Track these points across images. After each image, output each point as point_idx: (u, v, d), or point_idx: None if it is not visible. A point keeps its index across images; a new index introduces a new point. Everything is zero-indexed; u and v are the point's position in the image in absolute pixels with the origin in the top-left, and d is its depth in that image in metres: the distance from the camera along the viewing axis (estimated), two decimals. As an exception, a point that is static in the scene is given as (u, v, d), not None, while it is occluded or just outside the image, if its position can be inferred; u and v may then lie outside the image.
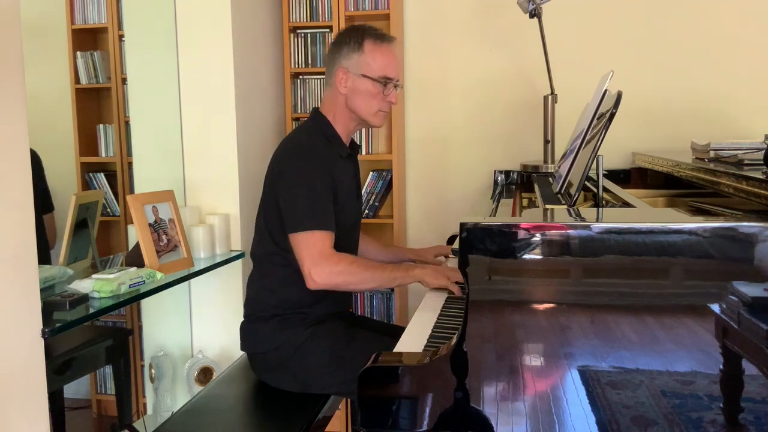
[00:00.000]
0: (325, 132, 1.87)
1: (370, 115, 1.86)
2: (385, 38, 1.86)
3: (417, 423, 1.28)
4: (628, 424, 1.20)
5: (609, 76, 1.66)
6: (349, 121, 1.89)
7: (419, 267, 1.78)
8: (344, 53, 1.83)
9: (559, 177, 1.76)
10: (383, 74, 1.83)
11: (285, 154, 1.83)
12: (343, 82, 1.83)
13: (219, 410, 1.79)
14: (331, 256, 1.71)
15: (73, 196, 2.15)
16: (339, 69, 1.84)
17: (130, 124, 2.72)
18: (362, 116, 1.86)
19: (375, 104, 1.85)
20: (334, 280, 1.71)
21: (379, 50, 1.83)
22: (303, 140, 1.85)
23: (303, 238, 1.71)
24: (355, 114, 1.86)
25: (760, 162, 1.54)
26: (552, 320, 1.22)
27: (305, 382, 1.80)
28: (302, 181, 1.76)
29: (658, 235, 1.18)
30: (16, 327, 1.50)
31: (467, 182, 2.98)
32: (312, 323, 1.83)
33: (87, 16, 3.09)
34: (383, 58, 1.83)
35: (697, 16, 2.72)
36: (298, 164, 1.78)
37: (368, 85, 1.82)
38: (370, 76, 1.82)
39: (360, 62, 1.82)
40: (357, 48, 1.82)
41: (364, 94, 1.83)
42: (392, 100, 1.87)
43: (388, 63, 1.84)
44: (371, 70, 1.82)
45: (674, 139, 2.71)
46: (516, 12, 2.55)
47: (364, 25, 1.87)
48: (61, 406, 2.53)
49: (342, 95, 1.85)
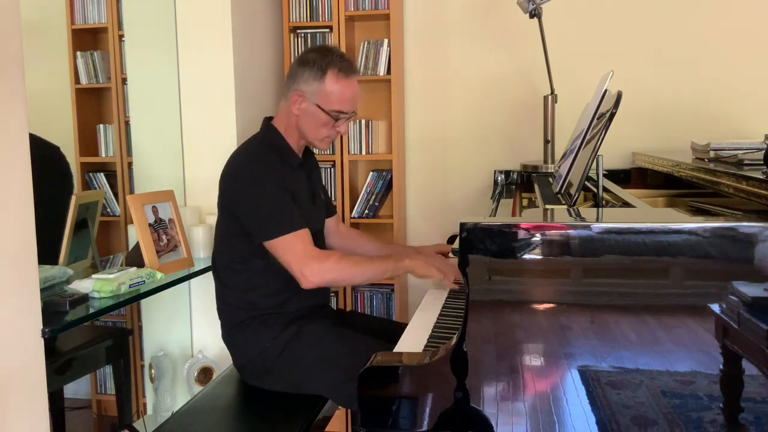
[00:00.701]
0: (275, 143, 1.87)
1: (316, 140, 1.87)
2: (350, 71, 1.83)
3: (417, 423, 1.28)
4: (628, 424, 1.20)
5: (609, 76, 1.66)
6: (298, 138, 1.89)
7: (409, 257, 1.78)
8: (305, 77, 1.81)
9: (559, 177, 1.76)
10: (338, 109, 1.82)
11: (237, 165, 1.83)
12: (296, 103, 1.83)
13: (219, 410, 1.79)
14: (316, 254, 1.72)
15: (73, 196, 2.15)
16: (296, 91, 1.83)
17: (130, 124, 2.72)
18: (308, 139, 1.87)
19: (323, 132, 1.85)
20: (326, 276, 1.72)
21: (339, 85, 1.81)
22: (251, 152, 1.85)
23: (281, 244, 1.72)
24: (303, 134, 1.87)
25: (760, 162, 1.55)
26: (552, 320, 1.22)
27: (295, 384, 1.79)
28: (260, 189, 1.76)
29: (658, 235, 1.18)
30: (16, 327, 1.50)
31: (467, 182, 2.98)
32: (290, 322, 1.82)
33: (87, 16, 3.09)
34: (342, 92, 1.81)
35: (697, 16, 2.72)
36: (252, 173, 1.78)
37: (320, 114, 1.82)
38: (323, 108, 1.81)
39: (318, 91, 1.81)
40: (319, 76, 1.80)
41: (314, 121, 1.83)
42: (341, 131, 1.87)
43: (345, 98, 1.82)
44: (327, 103, 1.81)
45: (674, 139, 2.71)
46: (516, 12, 2.55)
47: (333, 51, 1.84)
48: (61, 406, 2.53)
49: (294, 115, 1.85)
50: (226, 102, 2.52)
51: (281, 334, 1.80)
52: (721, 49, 2.71)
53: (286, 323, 1.82)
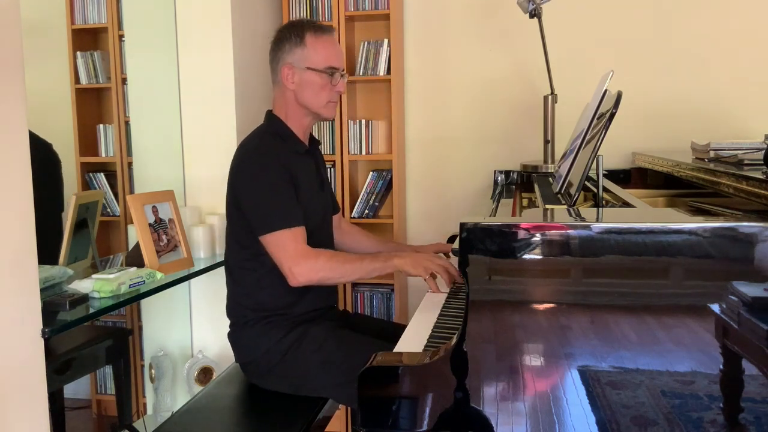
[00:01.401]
0: (279, 131, 1.87)
1: (320, 107, 1.86)
2: (325, 29, 1.86)
3: (417, 423, 1.28)
4: (628, 424, 1.20)
5: (609, 76, 1.66)
6: (302, 116, 1.89)
7: (398, 256, 1.77)
8: (287, 49, 1.84)
9: (559, 177, 1.76)
10: (328, 65, 1.83)
11: (240, 159, 1.83)
12: (289, 78, 1.84)
13: (219, 410, 1.79)
14: (307, 253, 1.72)
15: (73, 196, 2.15)
16: (284, 66, 1.84)
17: (130, 124, 2.72)
18: (313, 109, 1.87)
19: (324, 96, 1.85)
20: (315, 276, 1.72)
21: (321, 42, 1.83)
22: (256, 143, 1.85)
23: (275, 239, 1.72)
24: (307, 108, 1.87)
25: (760, 162, 1.55)
26: (552, 320, 1.22)
27: (297, 385, 1.80)
28: (261, 182, 1.76)
29: (658, 235, 1.18)
30: (16, 327, 1.50)
31: (467, 182, 2.98)
32: (297, 324, 1.82)
33: (87, 16, 3.09)
34: (326, 49, 1.84)
35: (698, 16, 2.72)
36: (253, 167, 1.78)
37: (315, 77, 1.83)
38: (315, 68, 1.82)
39: (304, 56, 1.82)
40: (299, 42, 1.82)
41: (312, 87, 1.84)
42: (340, 89, 1.88)
43: (331, 53, 1.84)
44: (316, 63, 1.83)
45: (674, 139, 2.71)
46: (516, 12, 2.55)
47: (302, 20, 1.88)
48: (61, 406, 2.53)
49: (291, 91, 1.85)
50: (226, 102, 2.52)
51: (286, 336, 1.80)
52: (722, 49, 2.71)
53: (293, 325, 1.82)
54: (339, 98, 1.92)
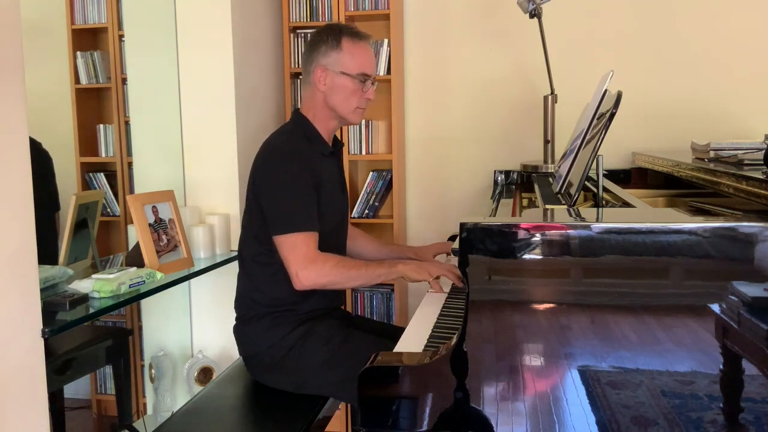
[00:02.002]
0: (306, 132, 1.88)
1: (348, 112, 1.87)
2: (362, 36, 1.87)
3: (417, 423, 1.28)
4: (628, 424, 1.20)
5: (609, 76, 1.66)
6: (329, 119, 1.89)
7: (402, 263, 1.79)
8: (322, 51, 1.85)
9: (559, 177, 1.76)
10: (361, 71, 1.84)
11: (265, 156, 1.84)
12: (322, 79, 1.84)
13: (219, 410, 1.79)
14: (316, 258, 1.73)
15: (73, 196, 2.15)
16: (318, 67, 1.85)
17: (130, 124, 2.72)
18: (341, 113, 1.87)
19: (354, 101, 1.86)
20: (320, 281, 1.73)
21: (357, 48, 1.84)
22: (282, 141, 1.86)
23: (287, 241, 1.73)
24: (334, 112, 1.87)
25: (760, 162, 1.54)
26: (552, 320, 1.22)
27: (299, 382, 1.80)
28: (283, 182, 1.77)
29: (658, 235, 1.18)
30: (16, 327, 1.50)
31: (467, 182, 2.98)
32: (303, 321, 1.83)
33: (87, 16, 3.09)
34: (361, 55, 1.85)
35: (697, 16, 2.72)
36: (278, 166, 1.79)
37: (347, 82, 1.84)
38: (348, 73, 1.83)
39: (338, 60, 1.83)
40: (335, 46, 1.83)
41: (342, 91, 1.85)
42: (370, 96, 1.88)
43: (365, 60, 1.86)
44: (349, 68, 1.83)
45: (674, 139, 2.71)
46: (516, 12, 2.55)
47: (340, 24, 1.91)
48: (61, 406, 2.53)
49: (321, 93, 1.86)
50: (226, 102, 2.52)
51: (292, 332, 1.81)
52: (722, 49, 2.71)
53: (299, 322, 1.83)
54: (367, 105, 1.92)
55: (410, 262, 1.81)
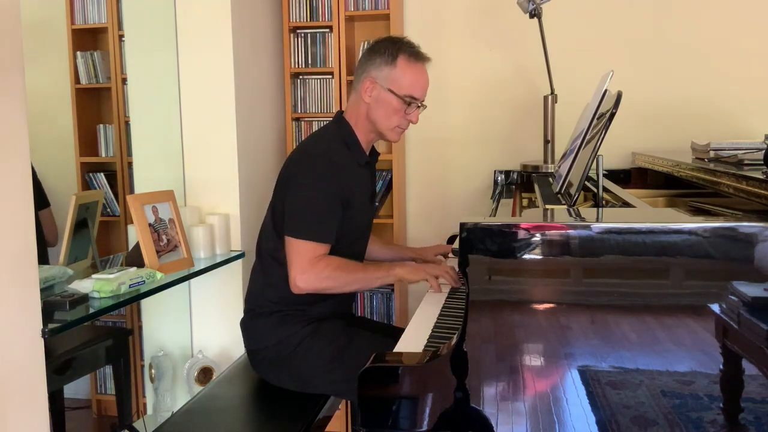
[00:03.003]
0: (346, 139, 1.86)
1: (388, 129, 1.84)
2: (420, 57, 1.83)
3: (417, 423, 1.28)
4: (628, 424, 1.20)
5: (609, 76, 1.66)
6: (368, 131, 1.88)
7: (399, 265, 1.79)
8: (376, 63, 1.81)
9: (559, 177, 1.76)
10: (409, 93, 1.81)
11: (303, 157, 1.83)
12: (368, 91, 1.82)
13: (219, 410, 1.79)
14: (317, 263, 1.73)
15: (73, 196, 2.15)
16: (367, 78, 1.82)
17: (130, 124, 2.72)
18: (380, 129, 1.85)
19: (395, 120, 1.83)
20: (318, 285, 1.73)
21: (412, 69, 1.81)
22: (322, 145, 1.84)
23: (297, 245, 1.73)
24: (374, 125, 1.85)
25: (760, 162, 1.54)
26: (552, 320, 1.22)
27: (303, 380, 1.81)
28: (312, 188, 1.76)
29: (658, 235, 1.18)
30: (16, 327, 1.50)
31: (467, 182, 2.98)
32: (312, 321, 1.84)
33: (87, 16, 3.09)
34: (414, 77, 1.81)
35: (697, 16, 2.72)
36: (310, 169, 1.78)
37: (392, 100, 1.80)
38: (396, 93, 1.80)
39: (390, 76, 1.80)
40: (390, 61, 1.80)
41: (386, 108, 1.82)
42: (413, 120, 1.86)
43: (417, 83, 1.82)
44: (399, 87, 1.80)
45: (674, 139, 2.70)
46: (516, 12, 2.55)
47: (402, 39, 1.84)
48: (61, 406, 2.53)
49: (365, 104, 1.83)
50: (226, 102, 2.52)
51: (299, 331, 1.81)
52: (722, 49, 2.71)
53: (307, 321, 1.83)
54: (408, 126, 1.89)
55: (407, 264, 1.81)
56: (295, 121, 2.93)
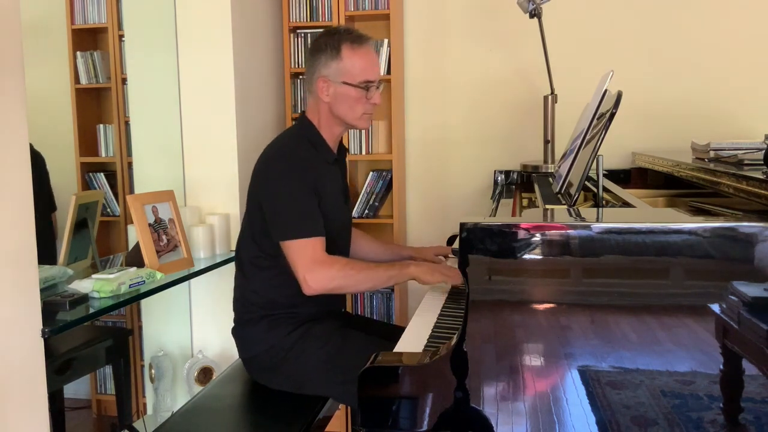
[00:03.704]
0: (311, 138, 1.86)
1: (355, 119, 1.85)
2: (362, 40, 1.83)
3: (417, 423, 1.28)
4: (628, 424, 1.20)
5: (609, 76, 1.66)
6: (334, 126, 1.88)
7: (414, 264, 1.76)
8: (322, 62, 1.81)
9: (559, 177, 1.76)
10: (364, 79, 1.81)
11: (269, 159, 1.83)
12: (324, 90, 1.82)
13: (219, 410, 1.79)
14: (324, 261, 1.72)
15: (73, 196, 2.15)
16: (319, 78, 1.82)
17: (130, 124, 2.72)
18: (348, 121, 1.85)
19: (359, 109, 1.83)
20: (329, 284, 1.71)
21: (357, 55, 1.80)
22: (287, 145, 1.84)
23: (294, 246, 1.72)
24: (340, 119, 1.85)
25: (760, 162, 1.54)
26: (552, 320, 1.22)
27: (299, 383, 1.80)
28: (287, 187, 1.75)
29: (658, 235, 1.18)
30: (16, 327, 1.50)
31: (467, 182, 2.98)
32: (302, 323, 1.82)
33: (87, 16, 3.09)
34: (362, 62, 1.81)
35: (698, 16, 2.72)
36: (282, 170, 1.77)
37: (350, 91, 1.81)
38: (351, 83, 1.80)
39: (339, 70, 1.80)
40: (335, 55, 1.80)
41: (347, 101, 1.82)
42: (376, 101, 1.85)
43: (367, 66, 1.82)
44: (352, 77, 1.80)
45: (674, 139, 2.71)
46: (516, 12, 2.55)
47: (339, 29, 1.85)
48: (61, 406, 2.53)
49: (325, 103, 1.84)
50: (226, 102, 2.52)
51: (291, 334, 1.80)
52: (721, 48, 2.71)
53: (298, 323, 1.82)
54: (374, 109, 1.89)
55: (422, 264, 1.78)
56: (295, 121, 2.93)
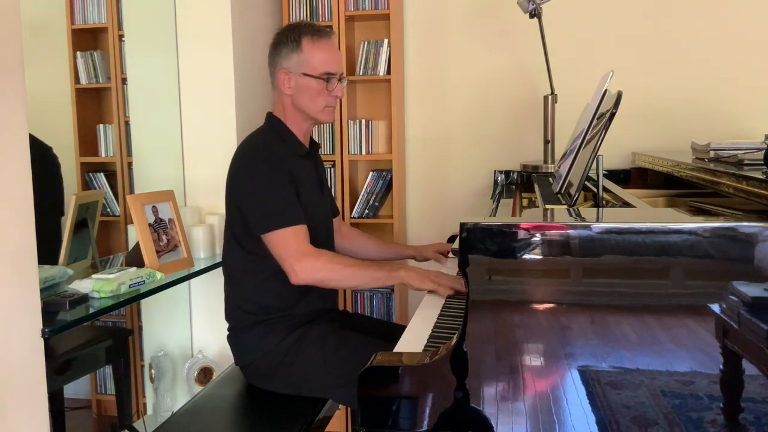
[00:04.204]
0: (280, 133, 1.86)
1: (317, 112, 1.85)
2: (323, 33, 1.84)
3: (417, 423, 1.28)
4: (628, 424, 1.20)
5: (609, 76, 1.66)
6: (300, 121, 1.88)
7: (404, 268, 1.75)
8: (283, 54, 1.82)
9: (559, 177, 1.76)
10: (324, 71, 1.82)
11: (241, 158, 1.83)
12: (285, 83, 1.83)
13: (219, 410, 1.79)
14: (309, 251, 1.71)
15: (73, 196, 2.15)
16: (280, 71, 1.83)
17: (130, 124, 2.72)
18: (310, 114, 1.85)
19: (321, 101, 1.84)
20: (316, 275, 1.71)
21: (317, 47, 1.81)
22: (257, 141, 1.85)
23: (276, 237, 1.71)
24: (304, 113, 1.86)
25: (760, 162, 1.54)
26: (552, 320, 1.22)
27: (297, 386, 1.79)
28: (262, 181, 1.75)
29: (658, 235, 1.18)
30: (16, 327, 1.50)
31: (467, 182, 2.98)
32: (298, 325, 1.82)
33: (87, 16, 3.09)
34: (322, 54, 1.82)
35: (698, 16, 2.72)
36: (254, 165, 1.78)
37: (311, 83, 1.81)
38: (311, 75, 1.81)
39: (300, 61, 1.81)
40: (295, 47, 1.81)
41: (308, 93, 1.82)
42: (338, 94, 1.86)
43: (328, 58, 1.82)
44: (312, 68, 1.81)
45: (674, 139, 2.71)
46: (516, 12, 2.55)
47: (300, 23, 1.87)
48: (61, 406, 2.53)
49: (287, 96, 1.84)
50: (226, 102, 2.52)
51: (286, 338, 1.80)
52: (722, 48, 2.71)
53: (293, 327, 1.81)
54: (338, 102, 1.90)
55: (412, 268, 1.76)
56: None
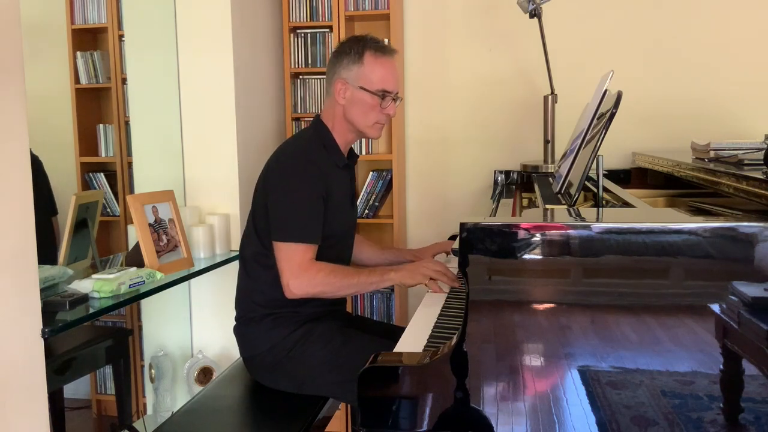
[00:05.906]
0: (324, 141, 1.87)
1: (366, 127, 1.86)
2: (386, 51, 1.84)
3: (417, 423, 1.28)
4: (628, 424, 1.20)
5: (609, 76, 1.66)
6: (347, 132, 1.89)
7: (393, 269, 1.77)
8: (344, 64, 1.83)
9: (559, 177, 1.76)
10: (381, 87, 1.82)
11: (281, 159, 1.84)
12: (341, 93, 1.83)
13: (219, 410, 1.79)
14: (309, 268, 1.73)
15: (73, 196, 2.15)
16: (338, 80, 1.83)
17: (130, 124, 2.72)
18: (359, 128, 1.86)
19: (372, 116, 1.84)
20: (311, 290, 1.74)
21: (379, 63, 1.82)
22: (301, 147, 1.85)
23: (285, 249, 1.73)
24: (353, 125, 1.86)
25: (760, 162, 1.54)
26: (552, 320, 1.22)
27: (300, 383, 1.80)
28: (293, 189, 1.76)
29: (658, 235, 1.18)
30: (16, 327, 1.50)
31: (467, 182, 2.98)
32: (305, 322, 1.83)
33: (87, 16, 3.09)
34: (383, 71, 1.82)
35: (698, 16, 2.72)
36: (291, 171, 1.78)
37: (366, 97, 1.82)
38: (368, 89, 1.81)
39: (359, 74, 1.81)
40: (357, 59, 1.81)
41: (361, 106, 1.83)
42: (390, 113, 1.86)
43: (387, 76, 1.83)
44: (370, 83, 1.81)
45: (674, 139, 2.70)
46: (516, 12, 2.55)
47: (366, 36, 1.86)
48: (61, 406, 2.53)
49: (340, 106, 1.85)
50: (226, 102, 2.52)
51: (293, 333, 1.81)
52: (721, 48, 2.70)
53: (300, 323, 1.83)
54: (388, 121, 1.90)
55: (402, 267, 1.79)
56: (295, 121, 2.93)
